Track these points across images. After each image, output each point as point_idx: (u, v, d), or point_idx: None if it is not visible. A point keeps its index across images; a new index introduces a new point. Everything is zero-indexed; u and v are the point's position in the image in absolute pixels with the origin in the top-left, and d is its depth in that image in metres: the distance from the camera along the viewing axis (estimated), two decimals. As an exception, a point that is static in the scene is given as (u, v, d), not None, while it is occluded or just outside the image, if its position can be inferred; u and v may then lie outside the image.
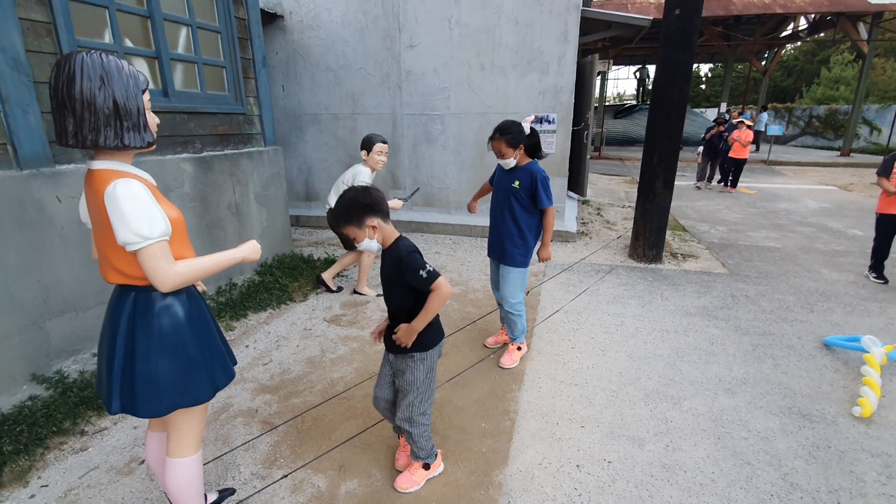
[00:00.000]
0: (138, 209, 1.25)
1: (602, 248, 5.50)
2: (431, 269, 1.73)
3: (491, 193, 3.04)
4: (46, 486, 2.03)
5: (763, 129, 16.90)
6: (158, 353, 1.39)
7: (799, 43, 24.48)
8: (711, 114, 21.41)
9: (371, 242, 1.76)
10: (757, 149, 17.95)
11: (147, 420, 1.95)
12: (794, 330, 3.48)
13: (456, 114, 5.93)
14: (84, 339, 2.81)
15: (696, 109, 24.31)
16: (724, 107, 17.49)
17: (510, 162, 2.73)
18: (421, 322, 1.75)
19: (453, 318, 3.65)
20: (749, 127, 9.38)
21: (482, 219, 6.12)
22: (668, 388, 2.74)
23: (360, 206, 1.70)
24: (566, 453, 2.22)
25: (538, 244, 2.91)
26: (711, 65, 30.31)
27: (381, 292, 4.10)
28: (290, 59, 6.27)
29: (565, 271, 4.68)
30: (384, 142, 3.75)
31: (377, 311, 3.80)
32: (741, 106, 21.04)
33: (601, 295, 4.10)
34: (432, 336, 1.88)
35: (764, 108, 18.56)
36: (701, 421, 2.45)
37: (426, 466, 2.05)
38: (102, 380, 1.45)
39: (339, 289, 4.23)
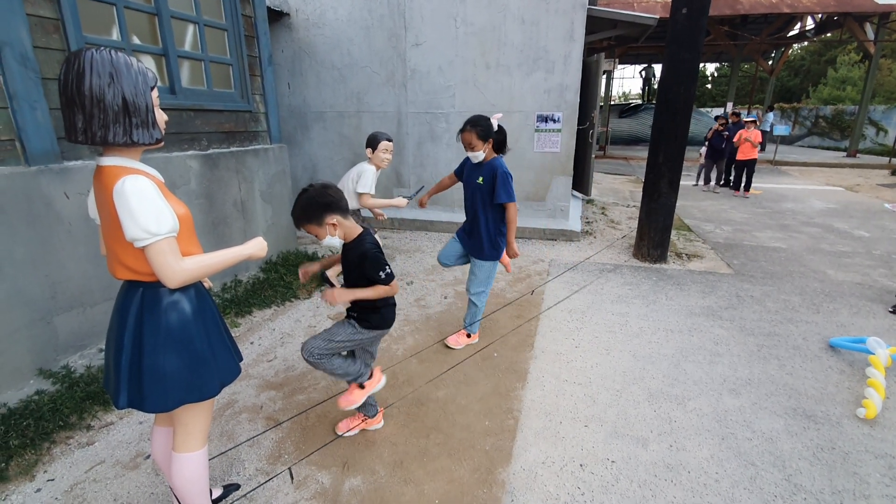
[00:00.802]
0: (147, 206, 1.26)
1: (606, 247, 5.49)
2: (390, 271, 1.98)
3: (445, 190, 3.29)
4: (52, 480, 2.05)
5: (769, 129, 16.80)
6: (165, 349, 1.40)
7: (806, 43, 24.33)
8: (717, 113, 21.32)
9: (333, 239, 1.89)
10: (763, 149, 17.87)
11: (153, 415, 1.96)
12: (799, 331, 3.46)
13: (461, 112, 5.93)
14: (91, 334, 2.83)
15: (702, 109, 24.22)
16: (730, 106, 17.41)
17: (479, 155, 2.79)
18: (357, 294, 1.95)
19: (457, 317, 3.65)
20: (756, 127, 9.01)
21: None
22: (672, 387, 2.74)
23: (319, 205, 1.81)
24: (570, 452, 2.22)
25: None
26: (718, 64, 30.16)
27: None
28: (295, 56, 6.28)
29: (569, 270, 4.67)
30: (389, 140, 3.74)
31: (381, 308, 3.80)
32: (747, 106, 20.91)
33: (605, 294, 4.09)
34: (378, 321, 2.10)
35: (770, 108, 18.46)
36: (705, 421, 2.45)
37: (361, 386, 2.19)
38: (110, 374, 1.46)
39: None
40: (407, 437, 2.32)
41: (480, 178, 2.83)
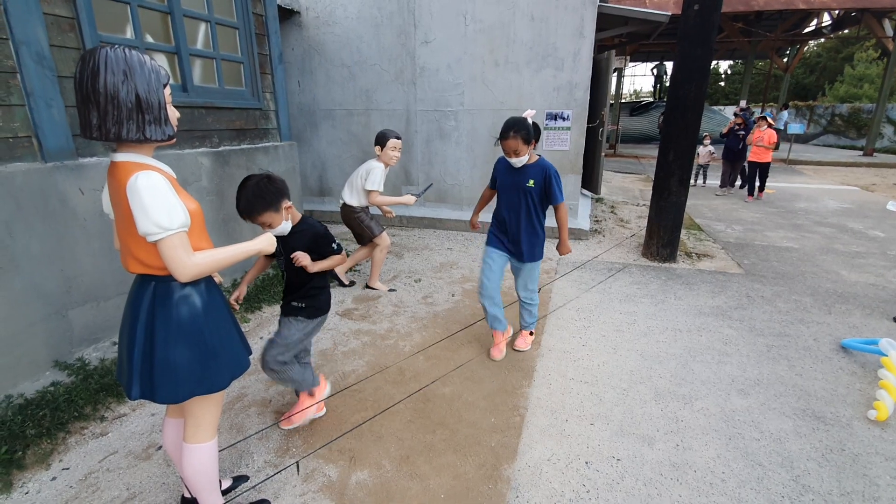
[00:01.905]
0: (159, 201, 1.28)
1: (615, 246, 5.47)
2: (339, 242, 2.10)
3: (488, 203, 3.14)
4: (67, 468, 2.10)
5: (783, 128, 16.56)
6: (176, 342, 1.43)
7: (822, 39, 23.91)
8: (730, 111, 21.06)
9: (287, 224, 1.92)
10: (777, 147, 17.63)
11: (165, 406, 2.00)
12: (810, 331, 3.43)
13: (469, 110, 5.93)
14: (105, 327, 2.89)
15: (715, 107, 23.93)
16: (743, 104, 17.19)
17: (523, 159, 2.68)
18: (319, 266, 2.02)
19: (464, 314, 3.66)
20: (771, 126, 8.29)
21: (495, 215, 6.12)
22: (679, 387, 2.73)
23: (275, 190, 1.84)
24: (575, 450, 2.23)
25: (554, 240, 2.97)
26: (731, 61, 29.78)
27: (393, 288, 4.15)
28: (305, 54, 6.32)
29: (577, 269, 4.66)
30: (398, 137, 3.77)
31: (389, 305, 3.83)
32: (760, 104, 20.63)
33: (613, 293, 4.08)
34: (323, 304, 2.19)
35: (785, 106, 18.20)
36: (712, 421, 2.44)
37: (311, 394, 2.31)
38: (123, 366, 1.49)
39: (352, 283, 4.27)
40: (413, 433, 2.34)
41: (531, 181, 2.72)
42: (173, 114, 1.43)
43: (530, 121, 2.65)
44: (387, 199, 3.81)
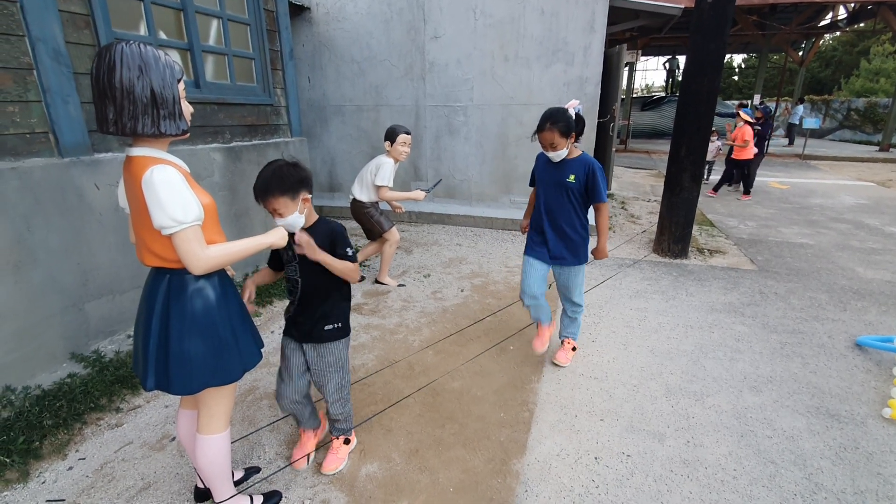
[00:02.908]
0: (174, 195, 1.30)
1: (626, 242, 5.43)
2: (354, 251, 1.86)
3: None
4: (84, 458, 2.14)
5: (798, 122, 16.29)
6: (191, 334, 1.45)
7: (838, 33, 23.44)
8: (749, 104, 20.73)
9: (300, 217, 1.72)
10: (791, 142, 17.35)
11: (179, 398, 2.03)
12: (825, 329, 3.38)
13: (479, 105, 5.91)
14: (120, 320, 2.93)
15: (728, 101, 23.59)
16: (757, 98, 16.93)
17: (562, 153, 2.48)
18: (330, 261, 1.75)
19: (473, 310, 3.67)
20: (751, 123, 7.89)
21: (503, 211, 6.11)
22: (690, 384, 2.71)
23: (297, 177, 1.68)
24: (584, 445, 2.22)
25: (591, 242, 2.77)
26: (745, 55, 29.32)
27: (403, 283, 4.17)
28: (315, 51, 6.34)
29: (587, 265, 4.63)
30: (408, 133, 3.77)
31: (398, 300, 3.85)
32: (775, 98, 20.29)
33: (623, 289, 4.06)
34: (348, 323, 1.97)
35: (800, 101, 17.89)
36: (724, 418, 2.42)
37: (347, 441, 2.13)
38: (138, 358, 1.52)
39: (362, 278, 4.29)
40: (422, 427, 2.35)
41: (572, 177, 2.51)
42: (187, 109, 1.45)
43: (573, 112, 2.47)
44: (396, 194, 3.82)
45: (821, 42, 20.99)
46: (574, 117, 2.47)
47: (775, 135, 19.61)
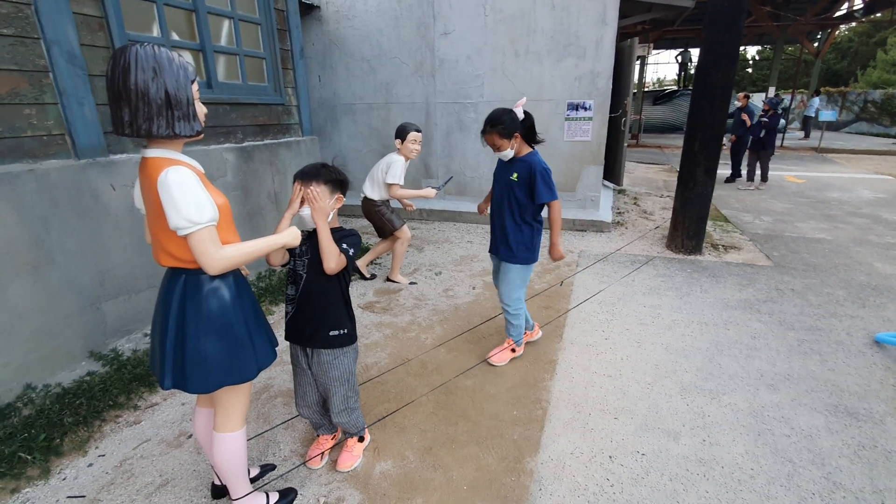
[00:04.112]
0: (189, 196, 1.31)
1: (638, 238, 5.38)
2: (353, 254, 1.83)
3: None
4: (103, 455, 2.17)
5: (814, 115, 15.98)
6: (206, 333, 1.46)
7: (854, 24, 22.93)
8: (758, 98, 20.40)
9: (306, 213, 1.74)
10: (807, 136, 17.04)
11: (195, 396, 2.05)
12: (843, 325, 3.32)
13: (489, 101, 5.88)
14: (136, 319, 2.98)
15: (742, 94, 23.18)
16: (772, 91, 16.64)
17: (508, 153, 2.55)
18: (325, 232, 1.70)
19: (485, 307, 3.66)
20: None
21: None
22: (706, 381, 2.68)
23: (341, 178, 1.80)
24: (599, 444, 2.21)
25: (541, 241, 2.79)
26: (759, 47, 28.82)
27: (414, 281, 4.17)
28: (325, 49, 6.35)
29: (600, 262, 4.61)
30: (418, 130, 3.76)
31: (410, 298, 3.85)
32: (790, 90, 19.93)
33: (637, 286, 4.02)
34: (354, 331, 1.93)
35: (816, 93, 17.54)
36: (740, 416, 2.39)
37: (361, 439, 2.15)
38: (156, 357, 1.53)
39: (373, 276, 4.30)
40: (436, 425, 2.35)
41: (515, 175, 2.57)
42: (201, 109, 1.46)
43: (520, 111, 2.48)
44: (407, 192, 3.82)
45: (837, 33, 20.57)
46: (522, 116, 2.49)
47: (791, 128, 19.29)
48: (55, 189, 2.49)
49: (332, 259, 1.71)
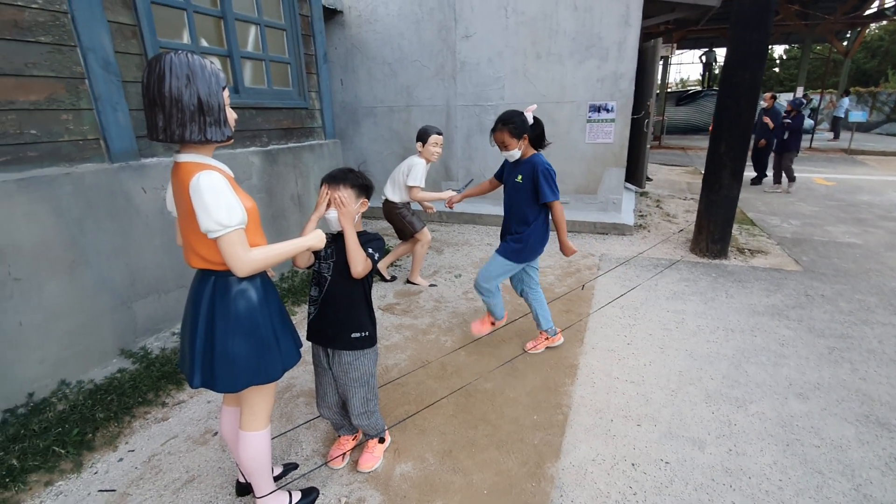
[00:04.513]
0: (219, 199, 1.34)
1: (661, 241, 5.29)
2: (378, 258, 1.86)
3: (483, 194, 3.18)
4: (133, 451, 2.24)
5: (843, 116, 15.50)
6: (235, 334, 1.50)
7: (885, 22, 22.12)
8: (785, 98, 19.87)
9: (333, 217, 1.77)
10: (836, 137, 16.53)
11: (222, 395, 2.09)
12: (874, 333, 3.21)
13: (510, 104, 5.87)
14: (165, 318, 3.06)
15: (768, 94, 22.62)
16: (800, 91, 16.20)
17: (515, 153, 2.62)
18: (352, 236, 1.74)
19: (506, 310, 3.64)
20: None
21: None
22: (732, 389, 2.62)
23: (367, 183, 1.84)
24: (621, 451, 2.18)
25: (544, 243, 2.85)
26: (787, 46, 28.09)
27: (434, 283, 4.18)
28: (348, 53, 6.42)
29: (622, 265, 4.55)
30: (439, 133, 3.78)
31: (430, 300, 3.86)
32: (819, 90, 19.36)
33: (660, 290, 3.96)
34: (375, 333, 1.95)
35: (846, 93, 17.03)
36: (768, 426, 2.33)
37: (381, 440, 2.17)
38: (185, 356, 1.58)
39: (393, 278, 4.33)
40: (456, 428, 2.36)
41: (519, 177, 2.64)
42: (231, 115, 1.49)
43: (530, 117, 2.60)
44: (428, 194, 3.84)
45: (867, 31, 19.91)
46: (531, 121, 2.60)
47: (819, 129, 18.74)
48: (90, 192, 2.58)
49: (360, 264, 1.74)
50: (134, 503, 1.94)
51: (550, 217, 2.75)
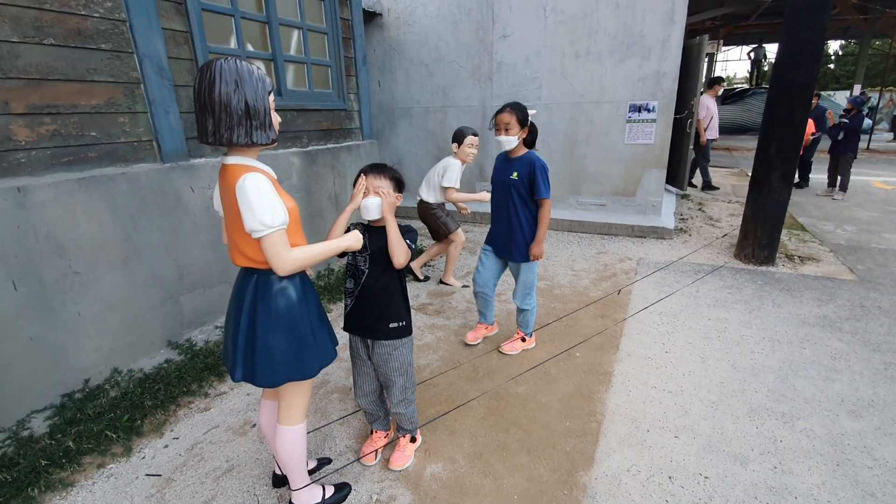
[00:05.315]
0: (263, 201, 1.39)
1: (704, 246, 5.11)
2: (415, 249, 1.91)
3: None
4: (178, 438, 2.34)
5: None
6: (275, 331, 1.55)
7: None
8: (840, 96, 18.79)
9: (373, 206, 1.81)
10: (897, 137, 15.51)
11: (261, 389, 2.16)
12: (941, 350, 3.00)
13: (547, 104, 5.80)
14: (209, 312, 3.19)
15: (823, 92, 21.49)
16: (857, 89, 15.29)
17: (512, 140, 2.63)
18: (394, 226, 1.79)
19: (538, 314, 3.60)
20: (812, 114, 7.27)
21: (569, 212, 5.97)
22: (778, 404, 2.50)
23: (401, 178, 1.91)
24: (657, 463, 2.12)
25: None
26: (843, 41, 26.53)
27: (467, 284, 4.19)
28: (386, 55, 6.51)
29: (660, 270, 4.42)
30: (475, 134, 3.78)
31: (463, 301, 3.87)
32: (878, 88, 18.20)
33: (701, 297, 3.82)
34: (411, 323, 2.01)
35: (911, 90, 15.93)
36: (817, 444, 2.21)
37: (413, 439, 2.18)
38: (228, 351, 1.64)
39: (427, 278, 4.36)
40: (486, 431, 2.35)
41: (515, 174, 2.67)
42: (276, 119, 1.54)
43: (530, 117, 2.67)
44: (463, 196, 3.84)
45: (937, 23, 18.52)
46: (530, 123, 2.68)
47: (878, 129, 17.62)
48: (143, 190, 2.72)
49: (402, 254, 1.81)
50: (178, 488, 2.04)
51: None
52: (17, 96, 2.26)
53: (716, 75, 9.49)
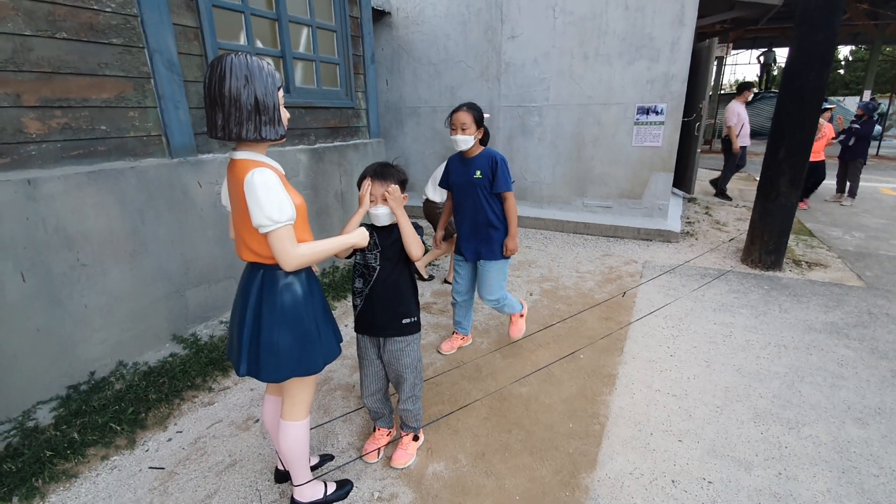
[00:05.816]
0: (271, 196, 1.39)
1: (710, 250, 5.08)
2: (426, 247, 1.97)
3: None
4: (181, 432, 2.36)
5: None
6: (280, 326, 1.55)
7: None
8: (850, 102, 18.64)
9: (384, 213, 1.84)
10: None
11: (265, 384, 2.17)
12: (949, 359, 2.97)
13: (554, 105, 5.79)
14: (214, 307, 3.20)
15: (833, 97, 21.33)
16: (867, 95, 15.16)
17: (469, 140, 2.61)
18: (406, 222, 1.84)
19: (542, 315, 3.60)
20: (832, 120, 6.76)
21: (576, 214, 5.95)
22: (783, 410, 2.48)
23: (406, 178, 1.91)
24: (660, 466, 2.11)
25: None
26: (853, 46, 26.32)
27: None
28: (394, 54, 6.51)
29: (666, 274, 4.40)
30: (482, 134, 3.76)
31: (467, 301, 3.86)
32: (889, 94, 18.03)
33: (707, 301, 3.80)
34: (420, 318, 2.02)
35: (922, 97, 15.78)
36: (822, 451, 2.20)
37: (416, 438, 2.18)
38: (234, 345, 1.64)
39: (431, 277, 4.36)
40: (489, 431, 2.35)
41: (478, 172, 2.65)
42: (285, 115, 1.55)
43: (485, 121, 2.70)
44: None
45: (949, 30, 18.33)
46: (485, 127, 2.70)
47: (888, 135, 17.47)
48: (151, 185, 2.74)
49: (417, 247, 1.86)
50: (180, 482, 2.04)
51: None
52: (29, 89, 2.28)
53: (746, 80, 9.32)
